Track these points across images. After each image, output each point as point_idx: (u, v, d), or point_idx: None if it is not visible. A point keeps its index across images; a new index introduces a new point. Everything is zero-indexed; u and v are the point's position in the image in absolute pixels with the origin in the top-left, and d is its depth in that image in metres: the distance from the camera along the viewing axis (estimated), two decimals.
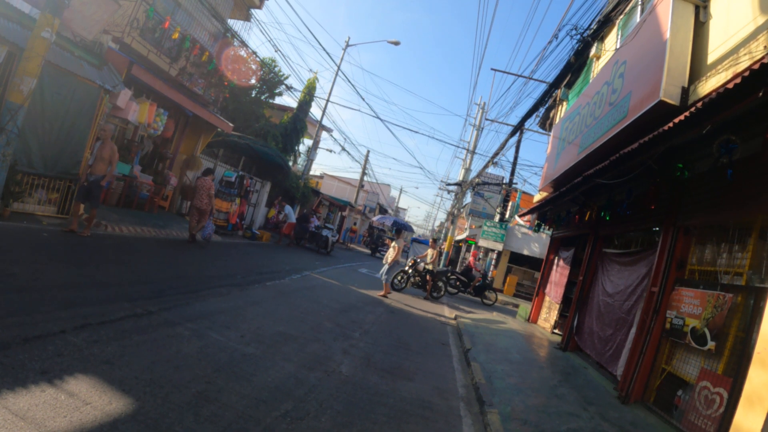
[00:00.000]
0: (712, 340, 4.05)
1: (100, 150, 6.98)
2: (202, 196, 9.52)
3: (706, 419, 3.87)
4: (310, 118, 21.62)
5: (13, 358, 2.61)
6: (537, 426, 3.86)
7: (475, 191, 26.41)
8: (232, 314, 5.00)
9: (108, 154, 6.96)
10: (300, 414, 3.03)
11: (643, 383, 5.00)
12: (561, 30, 14.65)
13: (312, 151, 22.89)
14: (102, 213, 8.57)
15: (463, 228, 32.37)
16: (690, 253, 5.04)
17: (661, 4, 5.63)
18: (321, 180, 39.39)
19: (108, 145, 6.98)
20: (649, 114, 5.25)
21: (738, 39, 4.40)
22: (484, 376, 5.01)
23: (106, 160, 6.96)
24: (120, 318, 3.78)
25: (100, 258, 6.02)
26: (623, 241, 7.54)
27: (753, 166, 3.95)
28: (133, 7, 9.17)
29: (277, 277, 8.37)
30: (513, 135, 16.98)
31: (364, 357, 4.85)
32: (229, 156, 16.54)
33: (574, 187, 6.85)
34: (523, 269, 19.44)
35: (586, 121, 7.88)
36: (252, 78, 14.13)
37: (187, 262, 7.64)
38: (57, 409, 2.27)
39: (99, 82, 7.74)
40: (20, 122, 6.25)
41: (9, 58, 6.49)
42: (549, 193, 10.41)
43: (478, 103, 27.62)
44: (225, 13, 12.79)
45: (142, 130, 11.11)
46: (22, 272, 4.23)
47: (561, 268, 10.14)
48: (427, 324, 8.10)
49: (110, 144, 7.02)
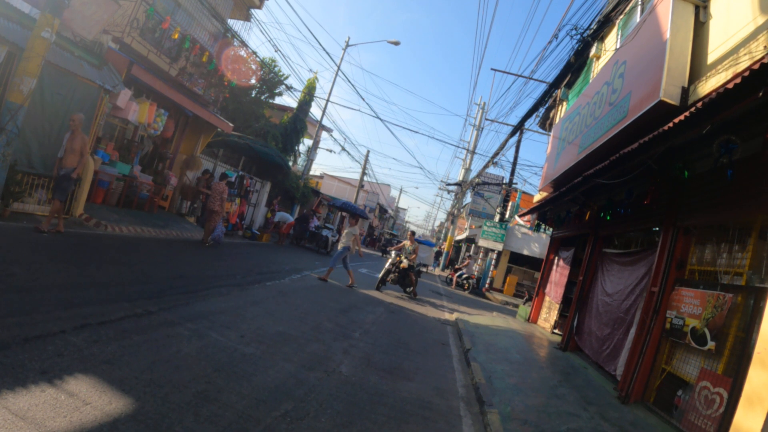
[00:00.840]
0: (712, 340, 4.05)
1: (70, 141, 6.58)
2: (215, 199, 10.03)
3: (706, 419, 3.87)
4: (310, 118, 21.62)
5: (13, 358, 2.61)
6: (537, 426, 3.86)
7: (475, 191, 26.43)
8: (232, 314, 5.00)
9: (79, 145, 6.58)
10: (300, 414, 3.02)
11: (643, 383, 5.00)
12: (561, 30, 14.67)
13: (312, 151, 22.89)
14: (102, 213, 8.57)
15: (463, 228, 32.37)
16: (690, 253, 5.04)
17: (661, 4, 5.63)
18: (321, 180, 39.35)
19: (79, 136, 6.61)
20: (649, 114, 5.25)
21: (738, 39, 4.40)
22: (484, 376, 5.01)
23: (77, 152, 6.58)
24: (120, 318, 3.78)
25: (100, 258, 6.02)
26: (623, 241, 7.54)
27: (753, 166, 3.95)
28: (133, 7, 9.17)
29: (277, 277, 8.37)
30: (513, 135, 16.99)
31: (364, 357, 4.85)
32: (229, 156, 16.55)
33: (574, 187, 6.85)
34: (523, 269, 19.45)
35: (586, 121, 7.88)
36: (252, 78, 14.13)
37: (187, 262, 7.64)
38: (57, 409, 2.27)
39: (99, 82, 7.75)
40: (20, 122, 6.26)
41: (9, 58, 6.49)
42: (549, 193, 10.41)
43: (478, 103, 27.62)
44: (225, 13, 12.79)
45: (142, 130, 11.11)
46: (22, 272, 4.23)
47: (561, 268, 10.14)
48: (427, 324, 8.09)
49: (81, 135, 6.64)
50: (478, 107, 27.37)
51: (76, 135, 6.59)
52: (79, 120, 6.54)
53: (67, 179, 6.50)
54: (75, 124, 6.58)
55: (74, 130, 6.60)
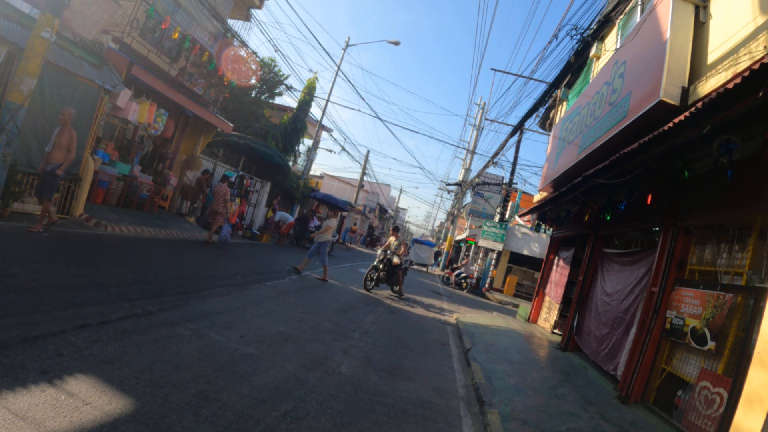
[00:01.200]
0: (712, 340, 4.05)
1: (58, 136, 6.34)
2: (219, 201, 10.52)
3: (706, 419, 3.87)
4: (310, 118, 21.62)
5: (13, 358, 2.61)
6: (537, 426, 3.86)
7: (475, 191, 26.42)
8: (232, 314, 5.00)
9: (66, 140, 6.35)
10: (300, 414, 3.02)
11: (643, 383, 5.00)
12: (561, 30, 14.67)
13: (312, 151, 22.89)
14: (102, 213, 8.57)
15: (463, 228, 32.37)
16: (690, 253, 5.04)
17: (661, 4, 5.63)
18: (321, 180, 39.35)
19: (67, 131, 6.37)
20: (649, 114, 5.25)
21: (738, 39, 4.40)
22: (484, 376, 5.01)
23: (64, 148, 6.34)
24: (120, 318, 3.78)
25: (100, 258, 6.02)
26: (623, 241, 7.54)
27: (753, 166, 3.95)
28: (133, 7, 9.17)
29: (277, 277, 8.37)
30: (513, 135, 17.00)
31: (364, 357, 4.85)
32: (229, 156, 16.54)
33: (574, 187, 6.85)
34: (523, 269, 19.45)
35: (586, 121, 7.88)
36: (252, 78, 14.13)
37: (187, 262, 7.64)
38: (57, 409, 2.27)
39: (99, 82, 7.75)
40: (20, 122, 6.25)
41: (9, 58, 6.49)
42: (549, 193, 10.41)
43: (478, 103, 27.63)
44: (225, 13, 12.79)
45: (142, 130, 11.12)
46: (22, 272, 4.23)
47: (561, 268, 10.14)
48: (427, 324, 8.09)
49: (69, 130, 6.40)
50: (478, 107, 27.38)
51: (65, 130, 6.39)
52: (70, 114, 6.38)
53: (53, 176, 6.31)
54: (65, 118, 6.39)
55: (64, 124, 6.40)
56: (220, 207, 10.47)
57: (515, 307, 14.32)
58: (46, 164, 6.34)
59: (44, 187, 6.31)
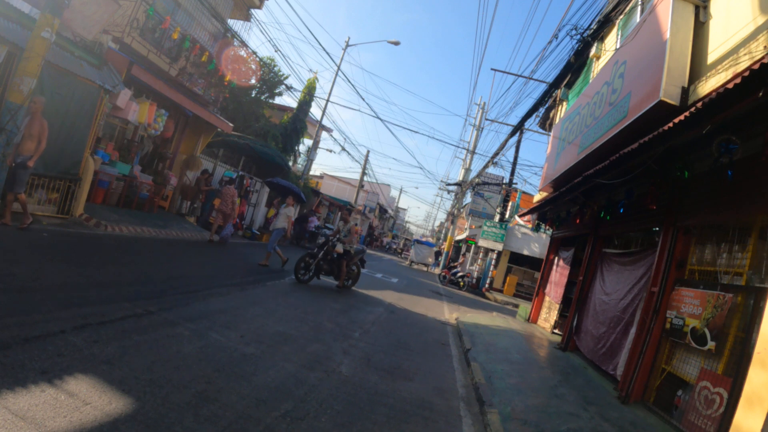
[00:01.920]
0: (712, 340, 4.05)
1: (28, 126, 6.05)
2: (227, 202, 10.85)
3: (706, 419, 3.87)
4: (310, 118, 21.62)
5: (13, 358, 2.61)
6: (537, 426, 3.86)
7: (475, 191, 26.42)
8: (232, 314, 5.00)
9: (37, 130, 6.07)
10: (300, 414, 3.02)
11: (643, 383, 5.00)
12: (561, 30, 14.69)
13: (312, 151, 22.88)
14: (102, 213, 8.57)
15: (463, 228, 32.36)
16: (690, 253, 5.04)
17: (661, 4, 5.63)
18: (321, 180, 39.35)
19: (38, 121, 6.08)
20: (649, 114, 5.25)
21: (738, 39, 4.40)
22: (484, 376, 5.01)
23: (35, 138, 6.07)
24: (120, 318, 3.78)
25: (100, 258, 6.02)
26: (623, 241, 7.54)
27: (753, 166, 3.95)
28: (133, 7, 9.16)
29: (277, 277, 8.37)
30: (513, 135, 16.99)
31: (364, 357, 4.85)
32: (229, 156, 16.55)
33: (574, 187, 6.85)
34: (523, 269, 19.45)
35: (586, 121, 7.88)
36: (252, 78, 14.12)
37: (187, 262, 7.65)
38: (57, 409, 2.27)
39: (99, 82, 7.74)
40: (20, 122, 6.25)
41: (9, 58, 6.49)
42: (549, 193, 10.41)
43: (478, 103, 27.63)
44: (225, 13, 12.79)
45: (142, 130, 11.12)
46: (22, 272, 4.23)
47: (561, 268, 10.14)
48: (426, 324, 8.10)
49: (40, 119, 6.11)
50: (478, 107, 27.36)
51: (35, 119, 6.10)
52: (41, 103, 6.10)
53: (23, 167, 6.02)
54: (36, 107, 6.08)
55: (34, 113, 6.10)
56: (228, 209, 10.83)
57: (515, 307, 14.32)
58: (16, 156, 6.05)
59: (15, 181, 6.01)
